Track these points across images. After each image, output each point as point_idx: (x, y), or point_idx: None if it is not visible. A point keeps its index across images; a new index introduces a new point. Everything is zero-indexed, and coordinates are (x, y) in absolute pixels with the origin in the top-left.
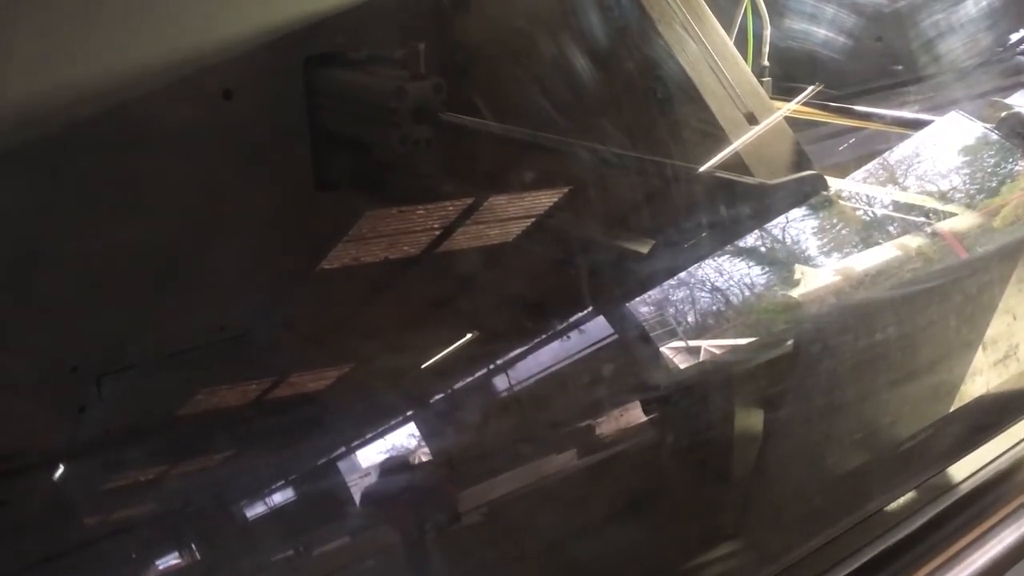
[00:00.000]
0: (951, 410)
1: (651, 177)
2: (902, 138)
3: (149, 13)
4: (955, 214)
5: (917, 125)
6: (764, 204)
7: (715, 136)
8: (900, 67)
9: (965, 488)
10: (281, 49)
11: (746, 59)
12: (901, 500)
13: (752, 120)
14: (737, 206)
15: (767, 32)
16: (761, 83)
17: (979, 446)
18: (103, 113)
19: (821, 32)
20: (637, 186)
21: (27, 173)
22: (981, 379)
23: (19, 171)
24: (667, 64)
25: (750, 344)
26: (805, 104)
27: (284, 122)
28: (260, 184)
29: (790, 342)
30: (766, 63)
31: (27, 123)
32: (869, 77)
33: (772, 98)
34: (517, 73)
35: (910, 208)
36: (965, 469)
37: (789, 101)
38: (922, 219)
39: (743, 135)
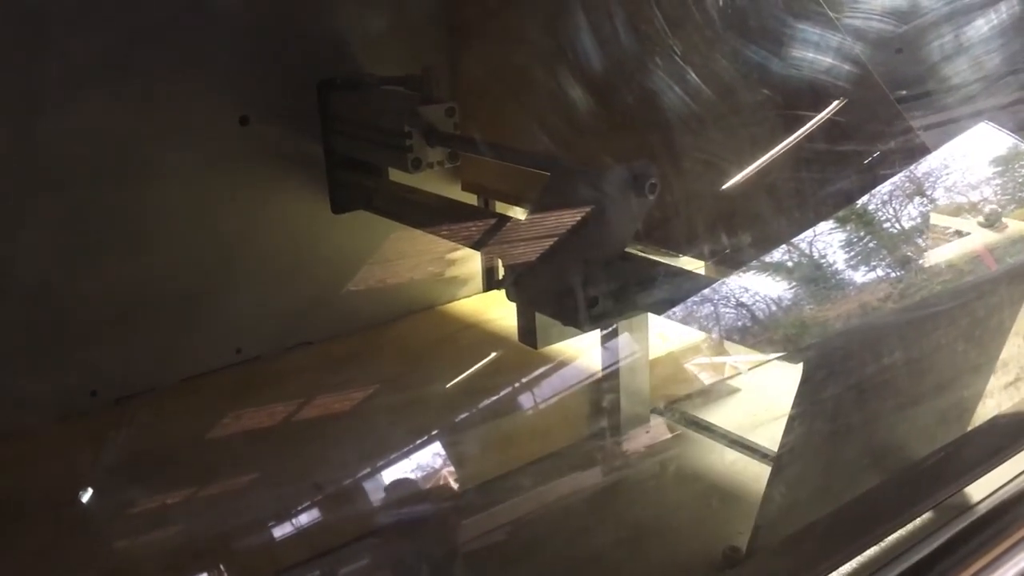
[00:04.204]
0: (963, 433)
1: None
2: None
3: None
4: (986, 225)
5: (943, 136)
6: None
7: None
8: (920, 79)
9: (978, 511)
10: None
11: None
12: (915, 523)
13: None
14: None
15: None
16: None
17: (992, 469)
18: (121, 146)
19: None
20: None
21: (49, 206)
22: (992, 401)
23: (42, 205)
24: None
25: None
26: None
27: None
28: (277, 208)
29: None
30: None
31: (52, 158)
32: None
33: None
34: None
35: (940, 219)
36: (978, 492)
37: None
38: (952, 230)
39: None
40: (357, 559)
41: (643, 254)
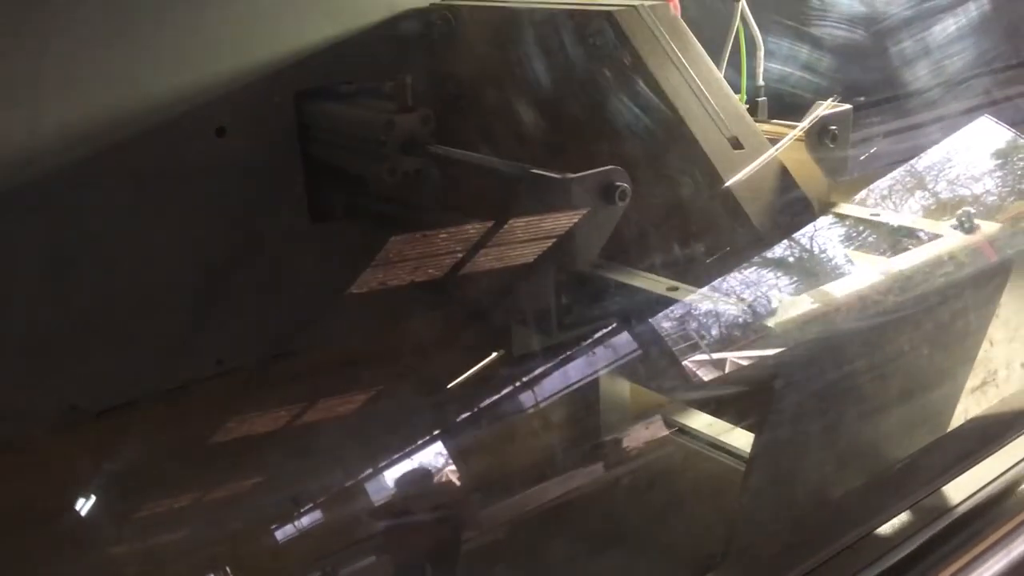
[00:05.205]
0: (933, 439)
1: None
2: (931, 144)
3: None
4: (959, 228)
5: (942, 131)
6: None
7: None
8: (906, 78)
9: (951, 516)
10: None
11: (741, 81)
12: (892, 524)
13: (737, 145)
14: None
15: (761, 53)
16: (756, 103)
17: (961, 473)
18: (101, 150)
19: (828, 45)
20: None
21: (25, 215)
22: (959, 407)
23: (16, 214)
24: (650, 93)
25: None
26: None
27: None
28: (255, 217)
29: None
30: (761, 83)
31: (28, 162)
32: (879, 88)
33: (763, 120)
34: (498, 105)
35: (939, 213)
36: (950, 496)
37: (783, 122)
38: (952, 223)
39: (728, 160)
40: (354, 563)
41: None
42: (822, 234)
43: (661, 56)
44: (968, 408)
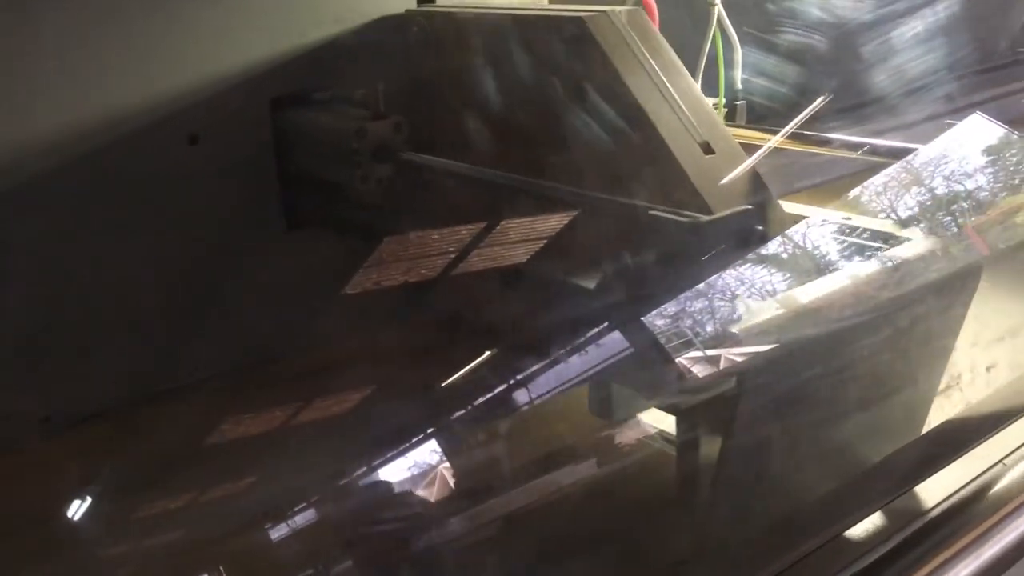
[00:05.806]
0: (893, 449)
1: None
2: (928, 141)
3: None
4: (979, 214)
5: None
6: (697, 242)
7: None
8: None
9: (918, 523)
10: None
11: (718, 85)
12: (854, 530)
13: (708, 150)
14: (673, 244)
15: (739, 56)
16: (735, 107)
17: (932, 476)
18: (73, 158)
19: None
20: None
21: None
22: (921, 413)
23: None
24: (621, 98)
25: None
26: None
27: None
28: (230, 225)
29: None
30: (739, 86)
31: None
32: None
33: (739, 125)
34: (467, 108)
35: (935, 210)
36: (919, 500)
37: (760, 128)
38: (922, 227)
39: (698, 165)
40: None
41: None
42: (792, 239)
43: (632, 62)
44: (934, 414)
